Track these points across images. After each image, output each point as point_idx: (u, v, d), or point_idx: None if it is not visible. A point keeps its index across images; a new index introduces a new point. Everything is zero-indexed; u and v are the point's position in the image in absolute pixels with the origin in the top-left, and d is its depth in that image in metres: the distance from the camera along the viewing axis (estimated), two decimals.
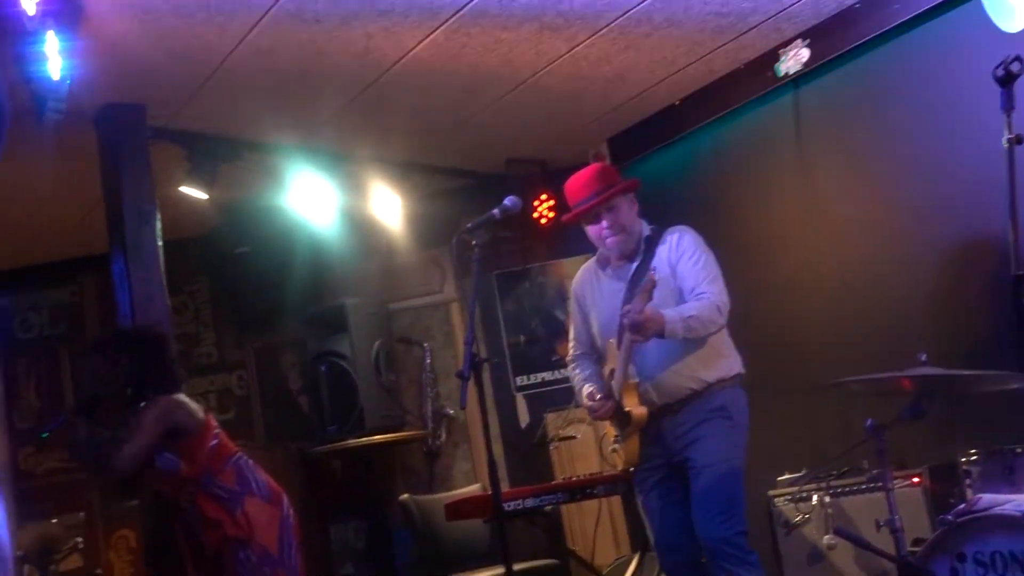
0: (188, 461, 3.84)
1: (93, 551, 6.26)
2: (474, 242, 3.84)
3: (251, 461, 4.00)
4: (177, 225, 5.63)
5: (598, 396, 4.04)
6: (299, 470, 6.23)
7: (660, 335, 3.80)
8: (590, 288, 4.26)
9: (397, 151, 6.12)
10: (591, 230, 4.13)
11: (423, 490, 6.36)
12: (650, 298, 3.71)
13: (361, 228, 6.57)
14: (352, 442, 6.12)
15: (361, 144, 5.94)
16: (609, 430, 4.17)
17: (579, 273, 4.36)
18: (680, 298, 3.96)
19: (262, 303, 6.68)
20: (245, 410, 6.87)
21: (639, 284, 3.88)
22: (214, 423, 4.02)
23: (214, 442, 3.94)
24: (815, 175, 5.32)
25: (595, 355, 4.28)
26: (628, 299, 3.95)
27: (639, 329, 3.74)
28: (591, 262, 4.30)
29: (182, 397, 3.99)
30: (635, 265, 4.09)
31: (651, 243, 4.11)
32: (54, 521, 5.56)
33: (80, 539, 5.03)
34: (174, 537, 4.01)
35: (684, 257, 4.01)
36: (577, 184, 4.13)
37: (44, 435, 3.93)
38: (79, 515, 6.08)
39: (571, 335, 4.39)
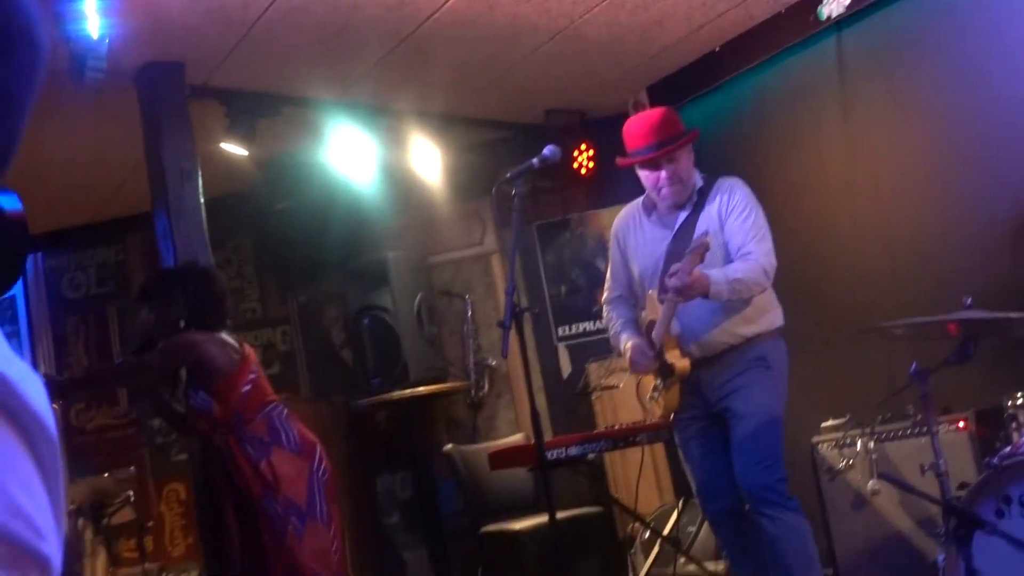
0: (220, 403, 3.85)
1: (144, 504, 6.38)
2: (513, 192, 3.82)
3: (286, 412, 3.97)
4: (218, 182, 5.67)
5: (649, 352, 4.02)
6: (345, 423, 6.29)
7: (704, 296, 3.78)
8: (633, 232, 4.21)
9: (436, 104, 6.10)
10: (647, 177, 4.06)
11: (467, 440, 6.41)
12: (701, 261, 3.67)
13: (401, 182, 6.58)
14: (396, 394, 6.17)
15: (399, 97, 5.93)
16: (648, 379, 4.17)
17: (621, 214, 4.31)
18: (726, 253, 3.93)
19: (304, 258, 6.72)
20: (290, 365, 6.95)
21: (688, 239, 3.85)
22: (253, 368, 3.98)
23: (247, 388, 3.91)
24: (858, 121, 5.25)
25: (632, 299, 4.26)
26: (673, 250, 3.94)
27: (684, 292, 3.71)
28: (635, 205, 4.25)
29: (224, 335, 3.99)
30: (684, 216, 4.04)
31: (702, 194, 4.06)
32: (105, 475, 5.65)
33: (131, 492, 5.11)
34: (219, 488, 4.07)
35: (734, 213, 3.95)
36: (639, 130, 4.05)
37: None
38: (130, 469, 6.18)
39: (607, 276, 4.36)
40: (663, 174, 4.00)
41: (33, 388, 0.91)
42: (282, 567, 3.71)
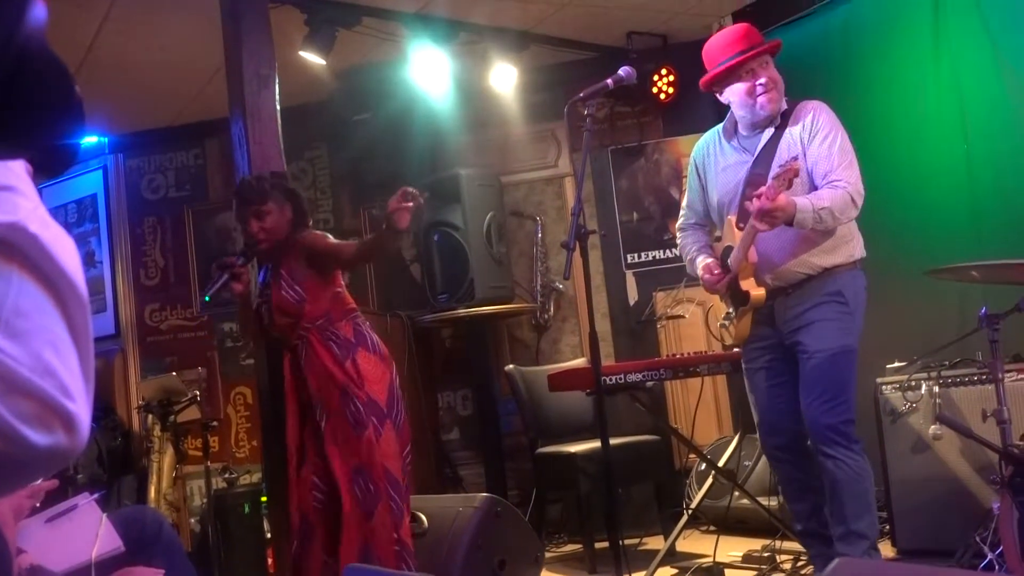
0: (312, 300, 3.92)
1: (211, 404, 6.54)
2: (586, 112, 3.75)
3: (368, 323, 4.06)
4: (296, 91, 5.68)
5: (716, 270, 3.99)
6: (409, 338, 6.35)
7: (788, 224, 3.66)
8: (712, 158, 4.11)
9: (515, 20, 6.03)
10: (741, 88, 3.90)
11: (530, 362, 6.44)
12: (788, 186, 3.54)
13: (478, 99, 6.55)
14: (462, 312, 6.20)
15: (479, 12, 5.87)
16: (717, 304, 4.12)
17: (701, 140, 4.21)
18: (810, 180, 3.82)
19: (378, 170, 6.74)
20: (358, 277, 7.01)
21: (769, 163, 3.75)
22: (340, 274, 4.11)
23: (339, 290, 4.01)
24: (949, 56, 5.08)
25: (707, 226, 4.20)
26: (754, 175, 3.85)
27: (767, 217, 3.59)
28: (715, 131, 4.15)
29: None
30: (766, 139, 3.92)
31: (784, 117, 3.93)
32: (174, 374, 5.79)
33: (198, 392, 5.22)
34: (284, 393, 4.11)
35: (819, 137, 3.81)
36: (722, 43, 3.93)
37: (207, 298, 4.01)
38: (199, 370, 6.32)
39: (684, 203, 4.30)
40: (760, 79, 3.87)
41: (67, 251, 0.92)
42: (356, 463, 3.76)
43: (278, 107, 5.06)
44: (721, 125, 4.12)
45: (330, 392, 3.85)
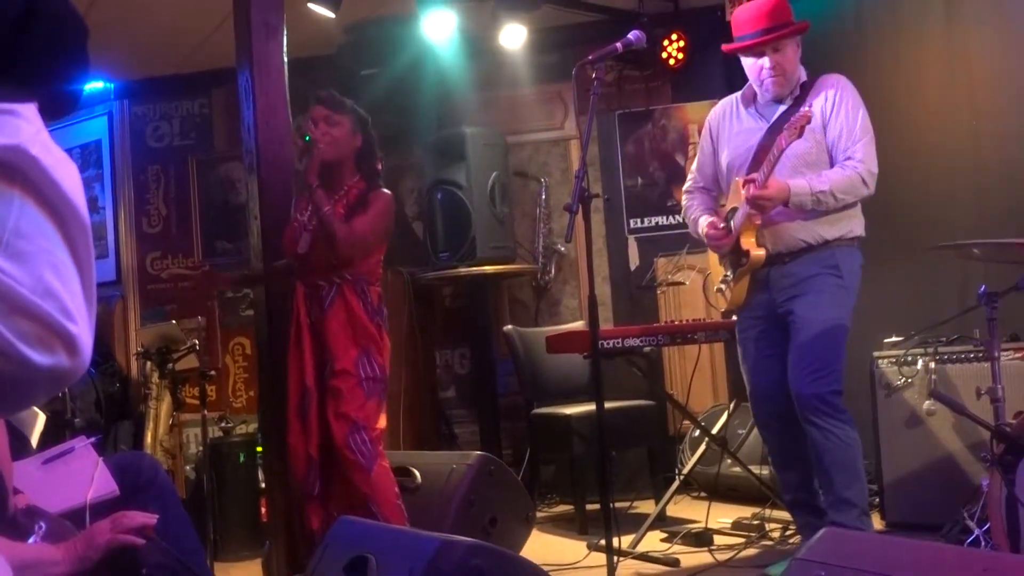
0: (363, 254, 3.87)
1: (209, 354, 6.55)
2: (595, 75, 3.75)
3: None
4: (304, 43, 5.65)
5: (720, 225, 4.01)
6: (409, 294, 6.36)
7: (784, 205, 3.74)
8: (727, 123, 4.15)
9: None
10: (751, 66, 3.99)
11: (529, 323, 6.46)
12: (799, 134, 3.60)
13: (486, 58, 6.51)
14: (463, 270, 6.20)
15: None
16: (717, 270, 4.14)
17: (719, 106, 4.24)
18: (829, 153, 3.86)
19: (385, 127, 6.70)
20: None
21: (784, 127, 3.79)
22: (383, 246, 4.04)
23: (381, 257, 3.99)
24: (961, 34, 5.06)
25: (714, 192, 4.23)
26: (767, 142, 3.86)
27: (759, 203, 3.71)
28: (734, 96, 4.18)
29: None
30: (783, 109, 3.96)
31: (804, 89, 3.98)
32: (174, 323, 5.79)
33: (196, 342, 5.22)
34: (285, 349, 4.06)
35: (842, 111, 3.85)
36: (749, 15, 3.96)
37: (307, 138, 3.93)
38: (199, 319, 6.32)
39: (693, 167, 4.33)
40: (766, 63, 3.92)
41: (70, 175, 0.92)
42: (356, 420, 3.74)
43: (285, 59, 5.04)
44: (741, 92, 4.15)
45: (346, 345, 3.79)
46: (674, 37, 6.35)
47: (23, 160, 0.88)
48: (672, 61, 6.39)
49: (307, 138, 3.97)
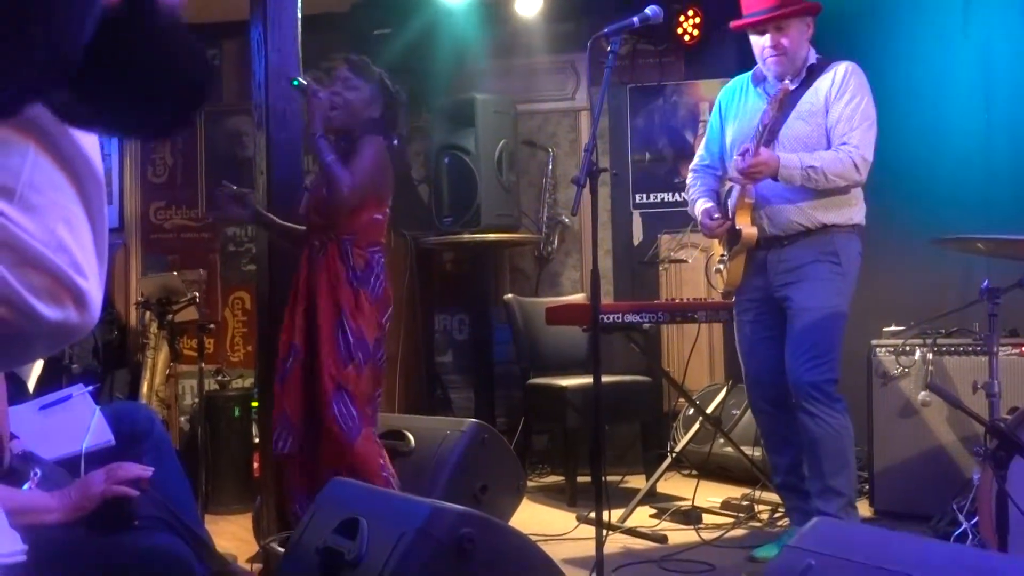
0: (352, 216, 3.77)
1: (209, 307, 6.55)
2: (609, 48, 3.72)
3: (384, 262, 3.89)
4: (318, 1, 5.61)
5: (716, 214, 4.01)
6: (411, 257, 6.35)
7: (773, 178, 3.75)
8: (736, 101, 4.16)
9: None
10: (755, 42, 4.00)
11: (529, 293, 6.46)
12: (778, 108, 3.64)
13: (500, 24, 6.47)
14: (466, 236, 6.19)
15: None
16: (717, 250, 4.15)
17: (731, 82, 4.26)
18: (827, 137, 3.86)
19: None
20: None
21: (789, 113, 3.81)
22: (386, 202, 3.94)
23: (378, 217, 3.85)
24: (979, 24, 5.03)
25: (720, 171, 4.23)
26: (771, 121, 3.86)
27: (749, 173, 3.73)
28: (746, 75, 4.18)
29: None
30: (790, 89, 3.94)
31: (812, 71, 3.96)
32: (175, 274, 5.79)
33: (196, 294, 5.22)
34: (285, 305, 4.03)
35: (846, 97, 3.85)
36: None
37: (295, 82, 3.86)
38: (200, 271, 6.32)
39: (702, 144, 4.33)
40: (767, 42, 3.92)
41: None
42: (339, 383, 3.69)
43: (299, 14, 5.00)
44: (753, 70, 4.14)
45: (326, 305, 3.74)
46: (690, 13, 6.32)
47: (39, 113, 0.87)
48: (687, 37, 6.36)
49: (295, 82, 3.91)
